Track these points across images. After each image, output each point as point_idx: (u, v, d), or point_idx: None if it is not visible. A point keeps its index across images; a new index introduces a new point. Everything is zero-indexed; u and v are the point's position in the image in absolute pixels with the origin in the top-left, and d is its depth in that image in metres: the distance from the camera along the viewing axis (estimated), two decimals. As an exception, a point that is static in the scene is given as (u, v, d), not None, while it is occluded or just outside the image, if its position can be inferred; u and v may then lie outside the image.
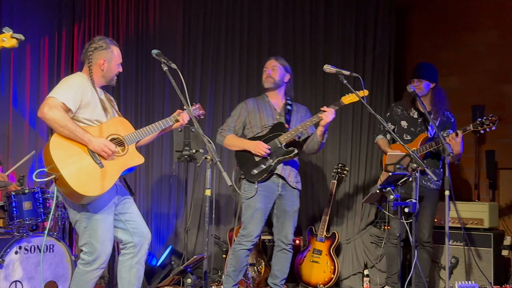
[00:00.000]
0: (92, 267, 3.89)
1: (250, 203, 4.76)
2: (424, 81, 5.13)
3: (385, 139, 5.28)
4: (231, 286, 4.80)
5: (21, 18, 5.78)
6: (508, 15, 6.11)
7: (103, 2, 6.07)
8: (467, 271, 5.55)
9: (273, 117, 4.89)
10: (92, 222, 3.90)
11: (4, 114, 5.65)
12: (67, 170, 3.70)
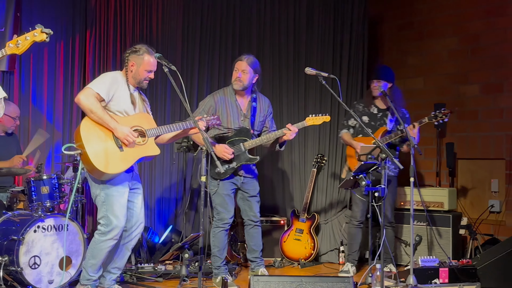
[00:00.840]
0: (106, 237, 3.99)
1: (219, 191, 4.74)
2: (382, 81, 5.20)
3: (349, 133, 5.32)
4: (220, 263, 4.80)
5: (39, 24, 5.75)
6: (466, 25, 6.13)
7: (111, 12, 6.04)
8: (429, 248, 5.59)
9: (239, 119, 4.79)
10: (109, 197, 4.01)
11: (25, 110, 5.63)
12: (91, 148, 3.87)
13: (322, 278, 3.36)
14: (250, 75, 4.74)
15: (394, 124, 5.21)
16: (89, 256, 4.06)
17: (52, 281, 4.41)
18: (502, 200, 5.81)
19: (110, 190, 4.02)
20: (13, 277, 4.40)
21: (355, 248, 5.32)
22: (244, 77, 4.72)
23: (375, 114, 5.24)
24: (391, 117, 5.20)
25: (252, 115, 4.83)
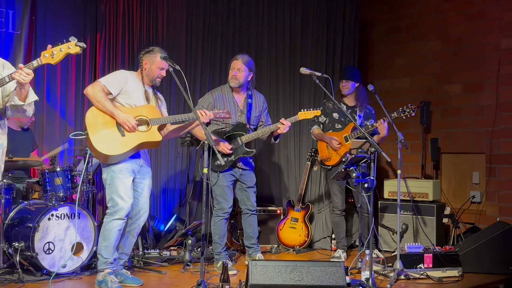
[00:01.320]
0: (113, 217, 4.02)
1: (219, 183, 4.76)
2: (351, 81, 5.24)
3: (319, 128, 5.34)
4: (220, 249, 4.81)
5: (53, 29, 5.75)
6: (450, 29, 6.14)
7: (120, 15, 6.03)
8: (415, 235, 5.61)
9: (236, 114, 4.80)
10: (114, 179, 4.05)
11: (39, 107, 5.62)
12: (93, 132, 3.98)
13: (315, 262, 3.38)
14: (245, 73, 4.76)
15: (362, 120, 5.24)
16: (101, 240, 4.07)
17: (65, 265, 4.42)
18: (482, 191, 5.84)
19: (115, 173, 4.05)
20: (29, 261, 4.43)
21: (342, 235, 5.34)
22: (239, 75, 4.74)
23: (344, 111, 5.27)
24: (359, 113, 5.24)
25: (248, 111, 4.84)
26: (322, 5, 6.36)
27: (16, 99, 3.40)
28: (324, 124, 5.36)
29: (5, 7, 5.44)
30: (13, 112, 3.49)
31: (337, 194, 5.29)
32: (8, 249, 4.40)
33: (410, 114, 4.89)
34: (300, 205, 5.88)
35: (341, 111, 5.20)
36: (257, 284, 3.21)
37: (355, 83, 5.26)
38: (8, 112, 3.52)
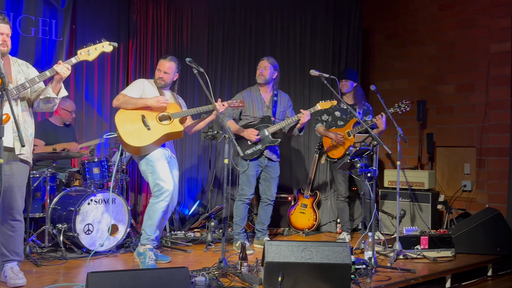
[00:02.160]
0: (159, 199, 4.02)
1: (247, 172, 4.77)
2: (349, 81, 5.21)
3: (323, 126, 5.31)
4: (240, 230, 4.83)
5: (90, 36, 5.77)
6: (443, 35, 6.10)
7: (149, 24, 6.06)
8: (412, 220, 5.60)
9: (263, 109, 4.83)
10: (153, 167, 4.06)
11: (79, 105, 5.68)
12: (122, 129, 4.03)
13: (323, 243, 3.37)
14: (271, 71, 4.80)
15: (362, 116, 5.21)
16: (146, 218, 4.06)
17: (103, 245, 4.45)
18: (473, 181, 5.81)
19: (152, 161, 4.07)
20: (71, 241, 4.48)
21: (346, 219, 5.33)
22: (265, 73, 4.79)
23: (345, 109, 5.24)
24: (359, 110, 5.22)
25: (274, 106, 4.86)
26: (329, 14, 6.34)
27: (51, 91, 3.41)
28: (327, 122, 5.34)
29: (49, 17, 5.48)
30: (44, 103, 3.47)
31: (341, 183, 5.28)
32: (53, 230, 4.46)
33: (406, 109, 4.88)
34: (309, 193, 5.89)
35: (343, 109, 5.19)
36: (273, 262, 3.21)
37: (353, 83, 5.23)
38: (38, 105, 3.50)
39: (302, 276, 3.24)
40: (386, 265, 4.02)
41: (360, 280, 3.50)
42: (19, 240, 3.51)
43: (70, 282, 3.49)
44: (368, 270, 3.64)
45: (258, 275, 3.57)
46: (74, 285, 3.37)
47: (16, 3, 5.28)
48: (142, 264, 3.96)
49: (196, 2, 6.24)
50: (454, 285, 4.16)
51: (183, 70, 6.16)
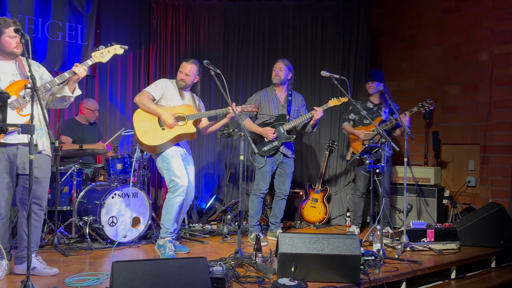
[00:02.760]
0: (175, 194, 4.05)
1: (263, 168, 4.78)
2: (375, 82, 5.16)
3: (350, 124, 5.29)
4: (255, 223, 4.84)
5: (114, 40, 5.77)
6: (449, 37, 6.04)
7: (169, 29, 6.09)
8: (418, 214, 5.56)
9: (278, 108, 4.84)
10: (168, 164, 4.09)
11: (103, 105, 5.73)
12: (138, 128, 4.08)
13: (334, 235, 3.36)
14: (286, 72, 4.82)
15: (388, 115, 5.17)
16: (164, 213, 4.09)
17: (126, 236, 4.49)
18: (477, 177, 5.74)
19: (167, 159, 4.10)
20: (96, 232, 4.52)
21: (358, 214, 5.31)
22: (281, 73, 4.81)
23: (371, 108, 5.20)
24: (384, 109, 5.17)
25: (288, 105, 4.87)
26: (339, 17, 6.30)
27: (67, 90, 3.45)
28: (355, 120, 5.30)
29: (75, 22, 5.54)
30: (59, 102, 3.50)
31: (361, 179, 5.24)
32: (79, 222, 4.50)
33: (429, 108, 4.82)
34: (320, 188, 5.87)
35: (369, 108, 5.15)
36: (286, 253, 3.21)
37: (379, 83, 5.17)
38: (53, 102, 3.52)
39: (313, 267, 3.23)
40: (394, 257, 3.99)
41: (369, 271, 3.48)
42: (40, 229, 3.54)
43: (96, 271, 3.52)
44: (376, 262, 3.62)
45: (272, 265, 3.57)
46: (100, 274, 3.39)
47: (45, 9, 5.34)
48: (163, 255, 3.99)
49: (213, 8, 6.24)
50: (459, 276, 4.12)
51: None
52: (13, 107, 3.20)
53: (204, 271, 2.64)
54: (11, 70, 3.29)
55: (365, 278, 3.36)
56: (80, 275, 3.35)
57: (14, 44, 3.24)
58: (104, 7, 5.75)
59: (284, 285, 2.98)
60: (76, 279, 3.25)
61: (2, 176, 3.25)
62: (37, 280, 3.19)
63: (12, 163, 3.27)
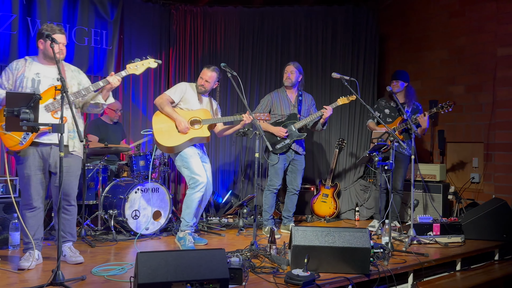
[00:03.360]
0: (195, 190, 4.07)
1: (276, 165, 4.77)
2: (400, 81, 5.07)
3: (373, 122, 5.24)
4: (268, 217, 4.84)
5: (136, 44, 5.86)
6: (453, 40, 5.97)
7: (187, 34, 6.11)
8: (425, 209, 5.51)
9: (289, 108, 4.83)
10: (187, 162, 4.10)
11: (126, 105, 5.76)
12: (156, 129, 4.10)
13: (345, 228, 3.35)
14: (296, 74, 4.81)
15: (410, 114, 5.09)
16: (185, 207, 4.11)
17: (148, 228, 4.52)
18: (480, 173, 5.67)
19: (186, 158, 4.11)
20: (120, 225, 4.55)
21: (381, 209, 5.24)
22: (292, 76, 4.79)
23: (394, 107, 5.14)
24: (407, 108, 5.09)
25: (299, 105, 4.86)
26: (348, 22, 6.27)
27: (101, 98, 3.49)
28: (380, 118, 5.24)
29: (100, 28, 5.58)
30: (93, 107, 3.54)
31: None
32: (105, 215, 4.54)
33: (448, 109, 4.74)
34: (330, 184, 5.85)
35: (392, 107, 5.06)
36: (299, 245, 3.21)
37: (403, 83, 5.08)
38: (87, 108, 3.55)
39: (325, 258, 3.23)
40: (402, 250, 3.96)
41: (378, 263, 3.46)
42: (74, 222, 3.59)
43: (121, 261, 3.55)
44: (385, 254, 3.60)
45: (286, 256, 3.56)
46: (124, 264, 3.42)
47: (72, 16, 5.39)
48: (183, 246, 4.00)
49: (229, 13, 6.25)
50: (463, 268, 4.08)
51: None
52: (48, 109, 3.26)
53: (222, 261, 2.65)
54: (52, 75, 3.34)
55: (374, 269, 3.34)
56: (106, 265, 3.39)
57: (56, 50, 3.26)
58: (127, 13, 5.78)
59: (298, 276, 2.97)
60: (102, 269, 3.29)
61: (36, 173, 3.32)
62: (66, 269, 3.22)
63: (45, 161, 3.34)
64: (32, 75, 3.31)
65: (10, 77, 3.31)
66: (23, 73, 3.30)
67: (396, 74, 5.14)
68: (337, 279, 3.13)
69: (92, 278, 3.08)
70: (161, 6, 6.05)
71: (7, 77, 3.32)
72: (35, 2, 5.11)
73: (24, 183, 3.32)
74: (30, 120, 2.74)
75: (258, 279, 3.08)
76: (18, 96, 2.79)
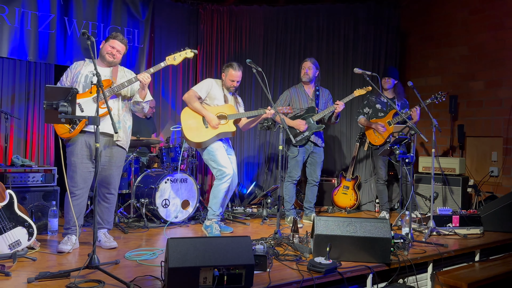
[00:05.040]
0: (221, 181, 4.08)
1: (296, 157, 4.75)
2: (391, 78, 5.05)
3: (365, 118, 5.17)
4: (290, 207, 4.82)
5: (166, 42, 5.89)
6: (474, 36, 5.81)
7: (214, 32, 6.12)
8: (444, 201, 5.41)
9: (307, 102, 4.80)
10: (213, 156, 4.10)
11: (157, 101, 5.81)
12: (185, 125, 4.08)
13: (366, 219, 3.30)
14: (313, 70, 4.78)
15: (399, 109, 5.03)
16: (212, 197, 4.12)
17: (177, 216, 4.56)
18: (499, 167, 5.53)
19: (213, 151, 4.11)
20: (151, 213, 4.61)
21: (385, 200, 5.20)
22: (309, 72, 4.77)
23: (385, 102, 5.09)
24: (397, 103, 5.05)
25: (316, 99, 4.83)
26: (370, 19, 6.17)
27: (138, 96, 3.54)
28: (368, 114, 5.22)
29: (132, 27, 5.63)
30: (134, 106, 3.62)
31: (381, 168, 5.15)
32: (137, 204, 4.60)
33: (442, 99, 4.69)
34: (351, 176, 5.79)
35: (383, 102, 5.05)
36: (321, 234, 3.18)
37: (394, 80, 5.08)
38: (131, 106, 3.64)
39: (347, 247, 3.19)
40: (421, 240, 3.89)
41: (398, 253, 3.41)
42: (112, 211, 3.65)
43: (152, 247, 3.58)
44: (405, 244, 3.54)
45: (308, 245, 3.54)
46: (155, 249, 3.45)
47: (106, 16, 5.45)
48: (209, 234, 4.02)
49: (254, 12, 6.22)
50: (482, 259, 3.99)
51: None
52: (95, 100, 3.36)
53: (248, 248, 2.64)
54: (104, 73, 3.50)
55: (395, 259, 3.29)
56: (138, 250, 3.42)
57: (108, 50, 3.48)
58: (158, 13, 5.82)
59: (320, 263, 2.95)
60: (134, 254, 3.33)
61: (83, 161, 3.39)
62: (101, 254, 3.28)
63: (92, 150, 3.40)
64: (86, 72, 3.48)
65: (69, 75, 3.51)
66: (79, 71, 3.49)
67: (388, 72, 5.12)
68: (358, 267, 3.10)
69: (125, 262, 3.12)
70: (189, 6, 6.07)
71: (66, 76, 3.53)
72: (72, 2, 5.19)
73: (72, 170, 3.40)
74: (68, 113, 2.78)
75: (281, 266, 3.07)
76: (56, 90, 2.83)
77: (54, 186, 4.25)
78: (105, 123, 3.37)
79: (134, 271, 2.91)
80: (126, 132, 3.58)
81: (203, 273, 2.50)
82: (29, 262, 3.04)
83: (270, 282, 2.69)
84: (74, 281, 2.58)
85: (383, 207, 5.21)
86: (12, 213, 3.16)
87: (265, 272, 2.89)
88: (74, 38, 5.22)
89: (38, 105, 5.14)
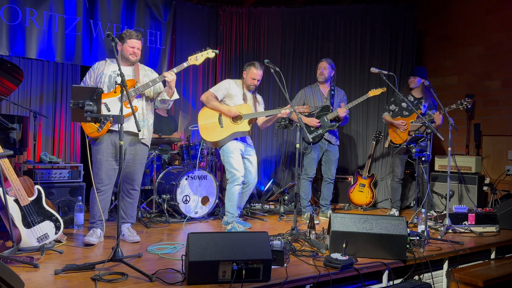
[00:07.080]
0: (233, 184, 4.07)
1: (309, 155, 4.71)
2: (417, 77, 4.92)
3: (389, 115, 5.09)
4: (306, 203, 4.80)
5: (187, 44, 5.92)
6: (490, 36, 5.69)
7: (233, 34, 6.11)
8: (460, 199, 5.31)
9: (322, 101, 4.76)
10: (227, 158, 4.10)
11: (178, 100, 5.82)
12: (201, 125, 4.10)
13: (382, 216, 3.26)
14: (329, 70, 4.75)
15: (426, 109, 4.94)
16: (227, 201, 4.12)
17: (197, 212, 4.58)
18: (516, 166, 5.41)
19: (227, 153, 4.10)
20: (172, 208, 4.64)
21: (397, 198, 5.13)
22: (325, 72, 4.74)
23: (411, 101, 4.98)
24: (424, 103, 4.94)
25: (331, 98, 4.79)
26: (387, 19, 6.09)
27: (165, 95, 3.57)
28: (394, 111, 5.13)
29: (155, 29, 5.67)
30: (160, 103, 3.66)
31: (398, 166, 5.08)
32: (159, 200, 4.63)
33: (467, 106, 4.56)
34: (367, 174, 5.73)
35: (409, 101, 4.96)
36: (338, 231, 3.15)
37: (421, 79, 4.95)
38: (156, 103, 3.68)
39: (363, 244, 3.15)
40: (437, 238, 3.83)
41: (414, 250, 3.36)
42: (135, 206, 3.69)
43: (173, 241, 3.61)
44: (421, 241, 3.49)
45: (325, 241, 3.51)
46: (176, 243, 3.47)
47: (129, 18, 5.50)
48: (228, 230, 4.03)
49: (272, 13, 6.20)
50: (498, 256, 3.90)
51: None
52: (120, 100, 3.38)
53: (266, 243, 2.63)
54: (126, 72, 3.52)
55: (411, 255, 3.24)
56: (159, 244, 3.45)
57: (130, 52, 3.50)
58: (179, 15, 5.85)
59: (337, 259, 2.92)
60: (156, 247, 3.35)
61: (108, 159, 3.44)
62: (125, 247, 3.31)
63: (117, 148, 3.44)
64: (109, 72, 3.50)
65: (92, 75, 3.53)
66: (102, 71, 3.50)
67: (414, 70, 5.00)
68: (374, 264, 3.06)
69: (148, 256, 3.14)
70: (209, 8, 6.08)
71: (89, 76, 3.54)
72: (97, 5, 5.25)
73: (97, 167, 3.45)
74: (93, 112, 2.81)
75: (298, 261, 3.06)
76: (82, 90, 2.86)
77: (80, 182, 4.31)
78: (130, 122, 3.41)
79: (156, 264, 2.93)
80: (149, 130, 3.62)
81: (222, 267, 2.50)
82: (56, 255, 3.09)
83: (287, 277, 2.68)
84: (99, 273, 2.62)
85: (394, 205, 5.13)
86: (40, 208, 3.22)
87: (282, 267, 2.88)
88: (99, 39, 5.28)
89: (65, 104, 5.22)
